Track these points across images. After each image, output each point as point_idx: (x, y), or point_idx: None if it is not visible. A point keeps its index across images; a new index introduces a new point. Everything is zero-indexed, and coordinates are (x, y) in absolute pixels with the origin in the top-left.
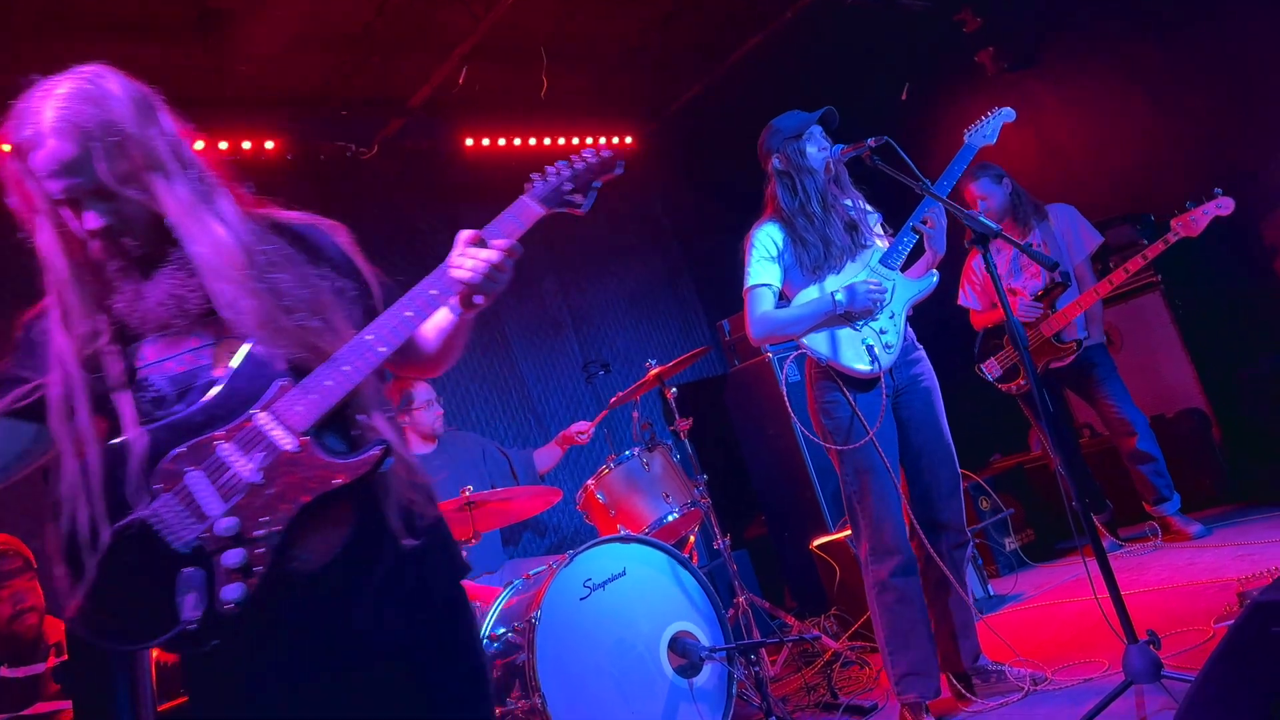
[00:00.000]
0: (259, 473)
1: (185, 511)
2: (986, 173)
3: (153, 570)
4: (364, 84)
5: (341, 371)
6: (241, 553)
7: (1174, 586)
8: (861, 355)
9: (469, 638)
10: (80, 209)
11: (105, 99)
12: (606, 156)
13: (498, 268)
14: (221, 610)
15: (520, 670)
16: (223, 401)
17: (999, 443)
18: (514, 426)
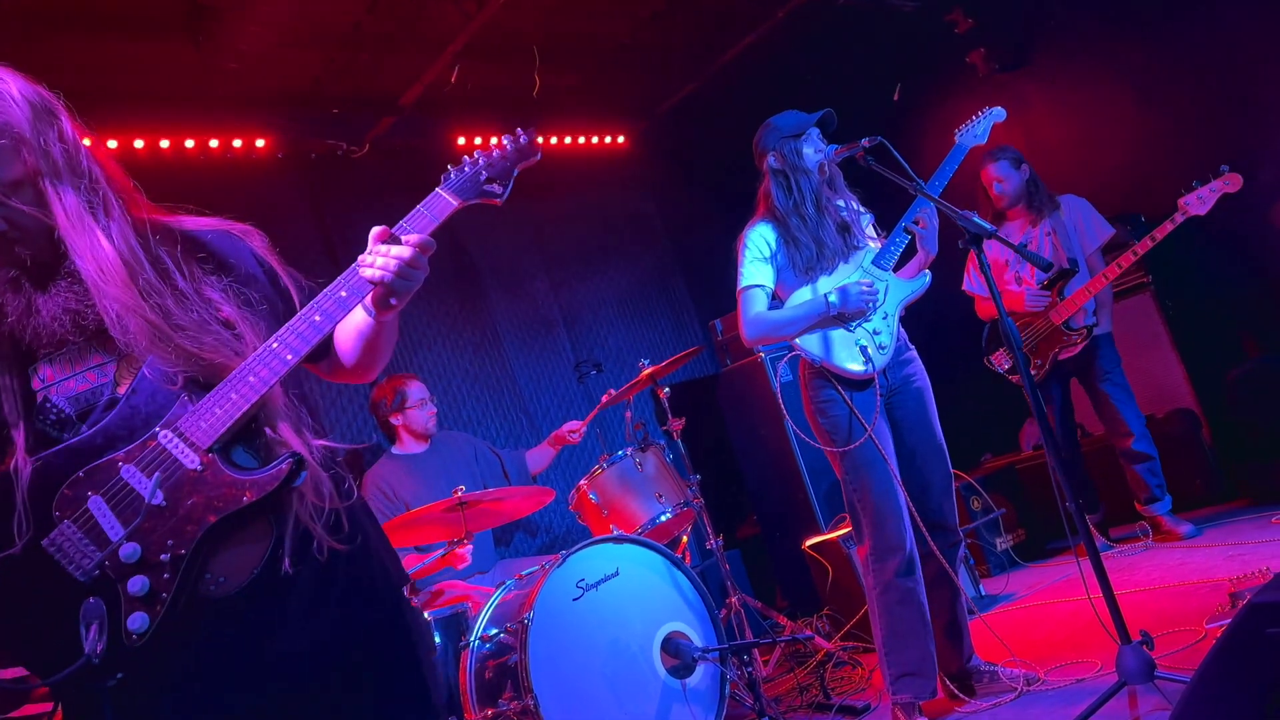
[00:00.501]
0: (161, 494)
1: (85, 539)
2: (1005, 155)
3: (55, 602)
4: (354, 82)
5: (247, 383)
6: (145, 580)
7: (1165, 587)
8: (855, 356)
9: (408, 654)
10: None
11: (2, 100)
12: (524, 143)
13: (410, 264)
14: (127, 642)
15: (513, 671)
16: (123, 422)
17: (990, 443)
18: (506, 426)
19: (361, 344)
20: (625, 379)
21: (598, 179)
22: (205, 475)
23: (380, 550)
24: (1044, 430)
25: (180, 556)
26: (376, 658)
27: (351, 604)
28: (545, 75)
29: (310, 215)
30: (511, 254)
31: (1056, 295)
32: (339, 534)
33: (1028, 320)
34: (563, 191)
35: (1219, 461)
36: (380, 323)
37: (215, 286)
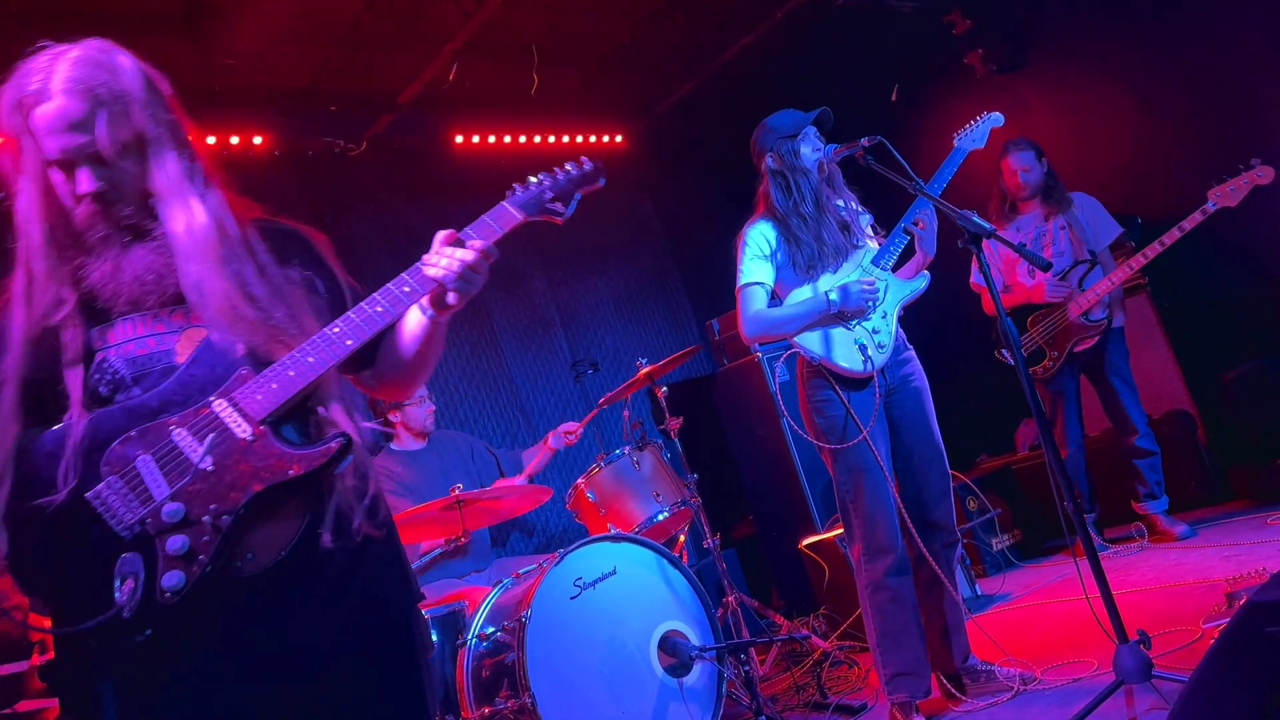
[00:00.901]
0: (210, 459)
1: (130, 495)
2: (1030, 146)
3: (93, 554)
4: (352, 80)
5: (305, 363)
6: (185, 539)
7: (1161, 587)
8: (854, 355)
9: (413, 663)
10: (73, 171)
11: (117, 68)
12: (589, 169)
13: (473, 268)
14: (160, 599)
15: (510, 669)
16: (180, 388)
17: (986, 443)
18: (503, 425)
19: (416, 345)
20: (622, 378)
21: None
22: (255, 446)
23: (403, 558)
24: (1042, 429)
25: (222, 521)
26: (385, 654)
27: (372, 596)
28: (543, 74)
29: (307, 212)
30: (509, 253)
31: (1076, 287)
32: (374, 519)
33: (1045, 312)
34: None
35: (1214, 462)
36: (435, 323)
37: (283, 270)
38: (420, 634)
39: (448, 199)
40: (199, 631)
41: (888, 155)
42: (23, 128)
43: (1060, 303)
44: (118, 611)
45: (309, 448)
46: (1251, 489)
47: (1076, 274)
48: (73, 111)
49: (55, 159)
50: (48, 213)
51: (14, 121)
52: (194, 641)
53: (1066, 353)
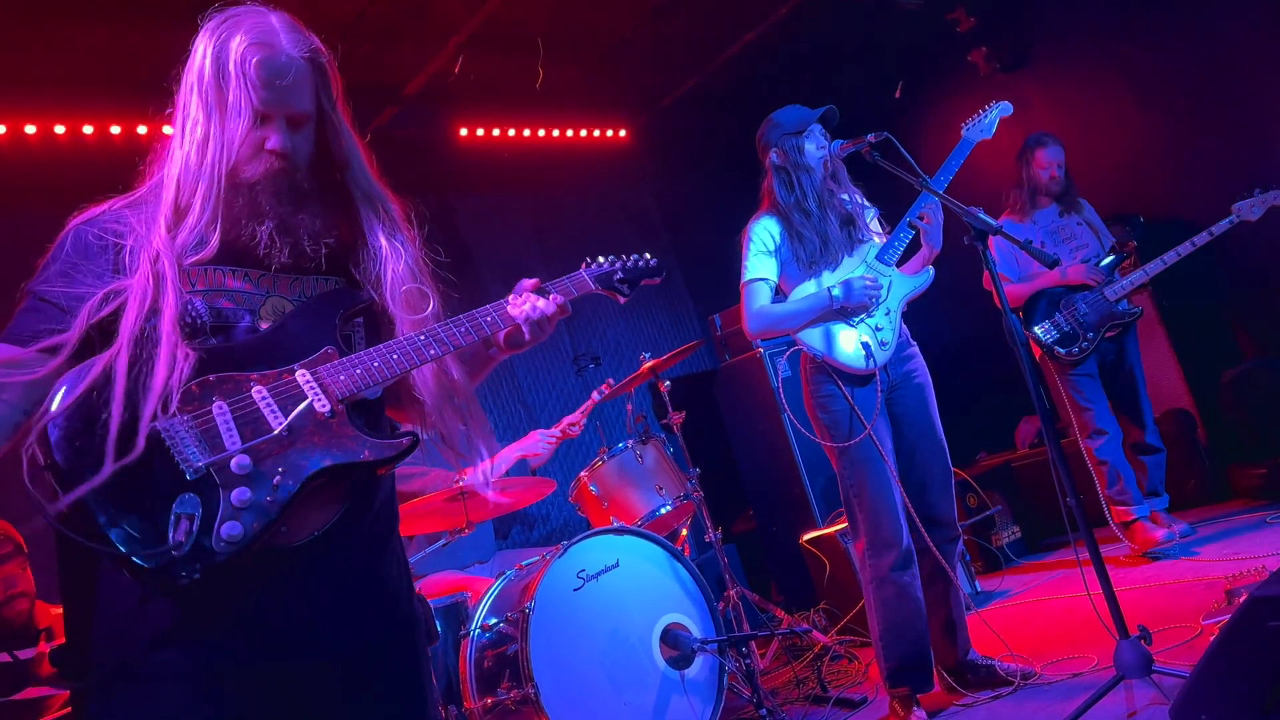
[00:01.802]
0: (286, 426)
1: (200, 438)
2: (1058, 142)
3: (150, 485)
4: (357, 72)
5: (390, 359)
6: (250, 493)
7: (1160, 584)
8: (857, 351)
9: (418, 653)
10: (269, 126)
11: (316, 42)
12: (654, 265)
13: (550, 317)
14: (215, 545)
15: (513, 660)
16: (267, 347)
17: (985, 440)
18: (505, 417)
19: (468, 373)
20: (623, 373)
21: (598, 172)
22: (331, 423)
23: (406, 560)
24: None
25: (288, 485)
26: (394, 645)
27: (385, 588)
28: (548, 67)
29: None
30: (510, 246)
31: (1108, 275)
32: (392, 514)
33: (1085, 296)
34: (562, 184)
35: (1214, 461)
36: (494, 359)
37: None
38: (423, 626)
39: (451, 191)
40: (229, 590)
41: (894, 151)
42: (239, 71)
43: (1096, 288)
44: (170, 548)
45: (381, 438)
46: (1250, 488)
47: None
48: (295, 65)
49: (259, 109)
50: (224, 153)
51: (230, 62)
52: (223, 599)
53: (1099, 339)
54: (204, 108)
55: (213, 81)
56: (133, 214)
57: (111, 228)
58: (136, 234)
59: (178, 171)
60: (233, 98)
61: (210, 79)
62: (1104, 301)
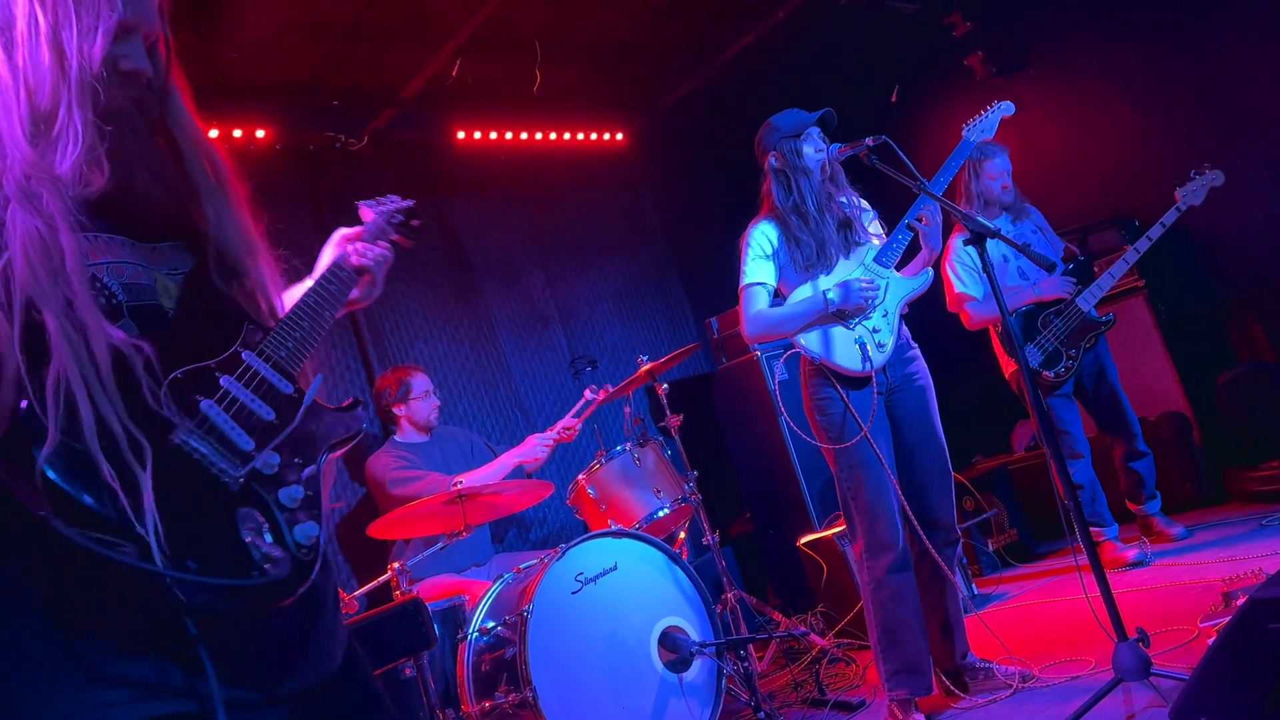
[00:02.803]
0: (271, 411)
1: (218, 443)
2: (1004, 151)
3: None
4: (354, 74)
5: (320, 316)
6: (299, 489)
7: (1158, 587)
8: (853, 353)
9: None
10: (126, 42)
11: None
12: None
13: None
14: (298, 554)
15: (511, 664)
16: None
17: (981, 444)
18: (501, 421)
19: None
20: (620, 375)
21: (595, 175)
22: (297, 401)
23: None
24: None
25: (313, 471)
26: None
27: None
28: (545, 70)
29: (308, 206)
30: (508, 249)
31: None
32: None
33: (1056, 310)
34: (560, 188)
35: (1209, 464)
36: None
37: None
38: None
39: (448, 194)
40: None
41: (892, 155)
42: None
43: (1070, 299)
44: (275, 573)
45: (342, 411)
46: (1246, 491)
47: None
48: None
49: (125, 19)
50: (89, 65)
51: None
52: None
53: (1081, 352)
54: (55, 6)
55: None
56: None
57: None
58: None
59: (21, 72)
60: (92, 5)
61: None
62: (1077, 312)
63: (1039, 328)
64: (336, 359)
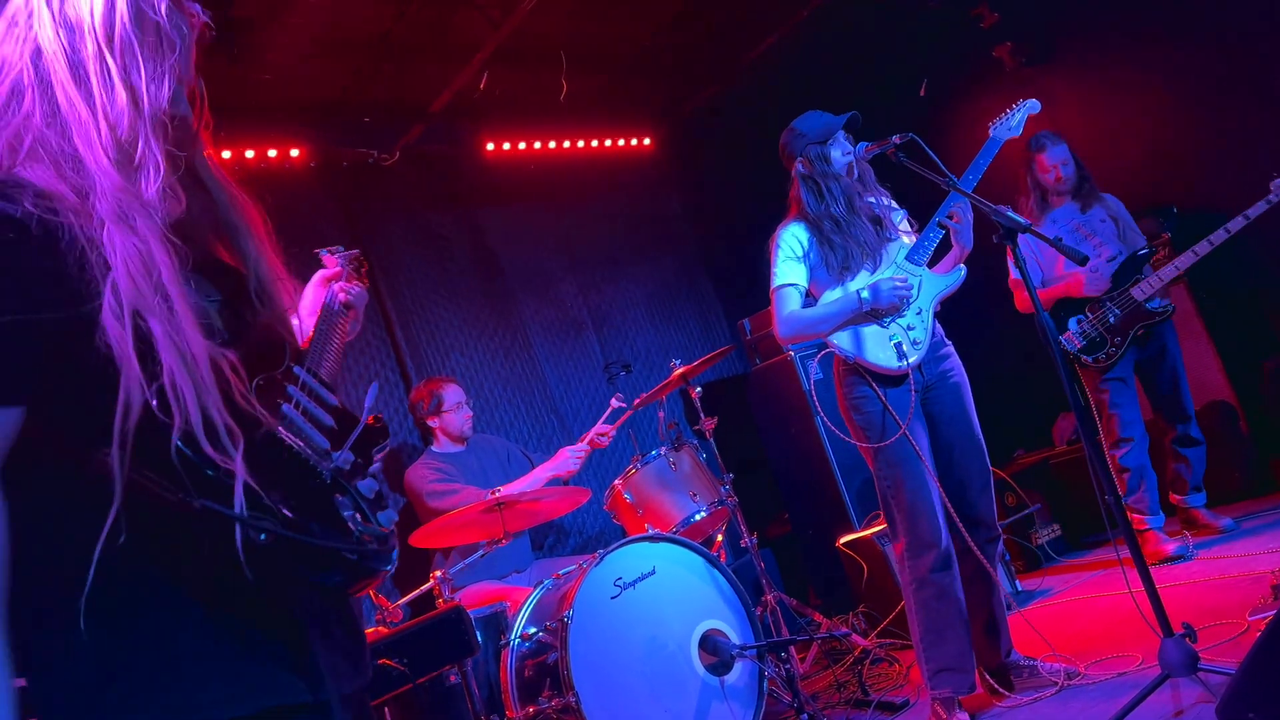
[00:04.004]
0: (330, 418)
1: (305, 440)
2: (1060, 141)
3: (304, 489)
4: (384, 90)
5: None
6: (374, 483)
7: (1205, 580)
8: (889, 352)
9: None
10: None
11: None
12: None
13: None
14: (383, 537)
15: (553, 669)
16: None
17: (1023, 438)
18: (537, 428)
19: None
20: (654, 380)
21: (623, 181)
22: (343, 408)
23: None
24: (1082, 422)
25: (376, 469)
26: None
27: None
28: (570, 79)
29: (343, 222)
30: (539, 258)
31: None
32: None
33: (1111, 296)
34: (589, 194)
35: (1257, 453)
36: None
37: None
38: None
39: (480, 205)
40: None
41: (920, 152)
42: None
43: (1125, 288)
44: (373, 548)
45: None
46: None
47: (1117, 264)
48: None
49: (181, 74)
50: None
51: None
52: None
53: (1130, 339)
54: (120, 52)
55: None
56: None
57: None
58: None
59: (100, 108)
60: (154, 52)
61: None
62: (1131, 302)
63: (1086, 313)
64: (375, 371)
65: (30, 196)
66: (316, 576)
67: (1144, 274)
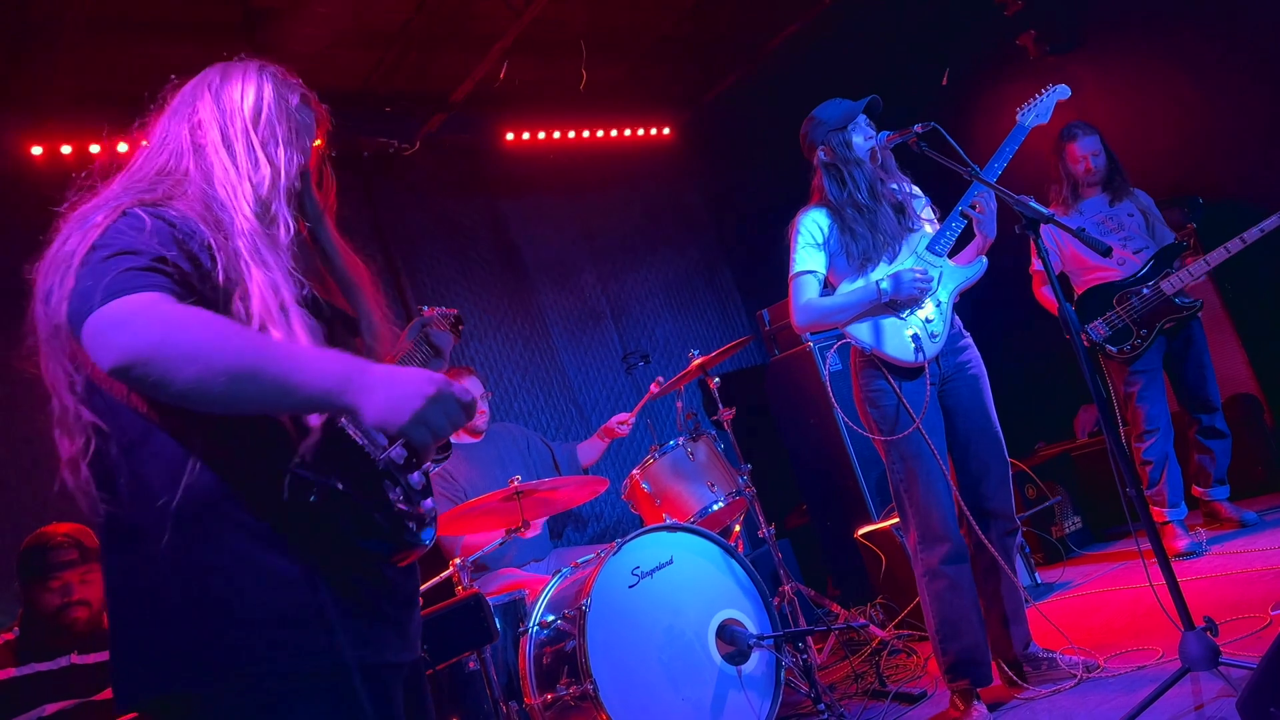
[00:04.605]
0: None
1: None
2: (1093, 131)
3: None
4: (405, 80)
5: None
6: (421, 476)
7: (1228, 574)
8: (906, 344)
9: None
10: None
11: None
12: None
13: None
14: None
15: (571, 657)
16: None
17: (1044, 430)
18: (556, 417)
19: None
20: (673, 370)
21: (643, 170)
22: None
23: None
24: (1104, 414)
25: (427, 468)
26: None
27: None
28: (590, 68)
29: (365, 212)
30: (558, 247)
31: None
32: None
33: (1133, 290)
34: (609, 184)
35: None
36: None
37: None
38: None
39: (500, 195)
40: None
41: (942, 141)
42: (289, 113)
43: (1155, 282)
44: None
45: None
46: None
47: (1143, 259)
48: (313, 132)
49: (301, 161)
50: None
51: (281, 100)
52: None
53: (1157, 331)
54: (262, 132)
55: (275, 116)
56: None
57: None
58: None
59: (244, 172)
60: (289, 136)
61: (273, 112)
62: (1161, 295)
63: (1114, 304)
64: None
65: (177, 212)
66: (361, 541)
67: (1175, 268)
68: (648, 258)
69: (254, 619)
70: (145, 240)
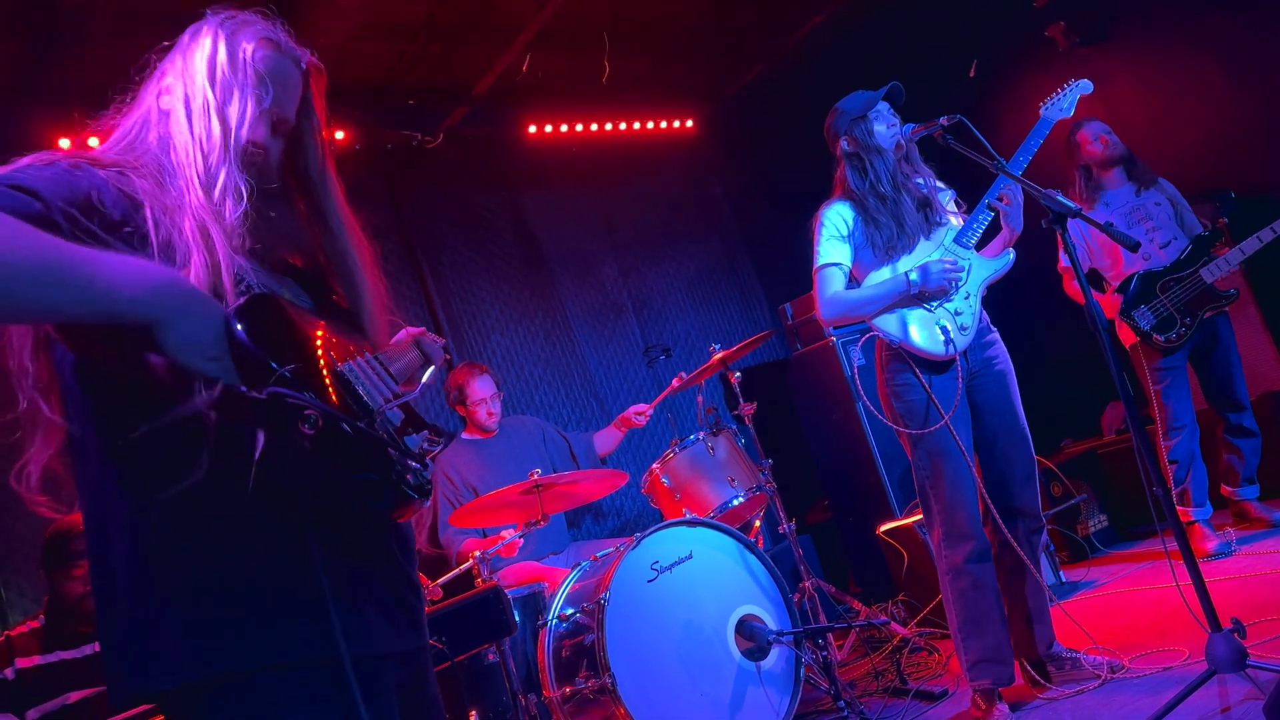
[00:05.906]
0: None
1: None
2: (1094, 119)
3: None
4: (428, 73)
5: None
6: (418, 438)
7: (1257, 575)
8: (935, 337)
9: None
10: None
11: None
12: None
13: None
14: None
15: (590, 650)
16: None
17: (1070, 427)
18: (577, 410)
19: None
20: (694, 364)
21: (665, 164)
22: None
23: None
24: (1130, 411)
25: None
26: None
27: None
28: (613, 61)
29: (388, 205)
30: (580, 240)
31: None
32: None
33: (1179, 278)
34: (631, 177)
35: None
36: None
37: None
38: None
39: (522, 188)
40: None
41: (968, 134)
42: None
43: (1192, 271)
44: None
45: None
46: None
47: (1172, 249)
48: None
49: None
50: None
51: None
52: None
53: (1197, 322)
54: (218, 90)
55: (228, 70)
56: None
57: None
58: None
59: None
60: (242, 89)
61: (225, 67)
62: (1201, 283)
63: (1158, 293)
64: None
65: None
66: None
67: (1210, 256)
68: (670, 251)
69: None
70: (35, 175)
